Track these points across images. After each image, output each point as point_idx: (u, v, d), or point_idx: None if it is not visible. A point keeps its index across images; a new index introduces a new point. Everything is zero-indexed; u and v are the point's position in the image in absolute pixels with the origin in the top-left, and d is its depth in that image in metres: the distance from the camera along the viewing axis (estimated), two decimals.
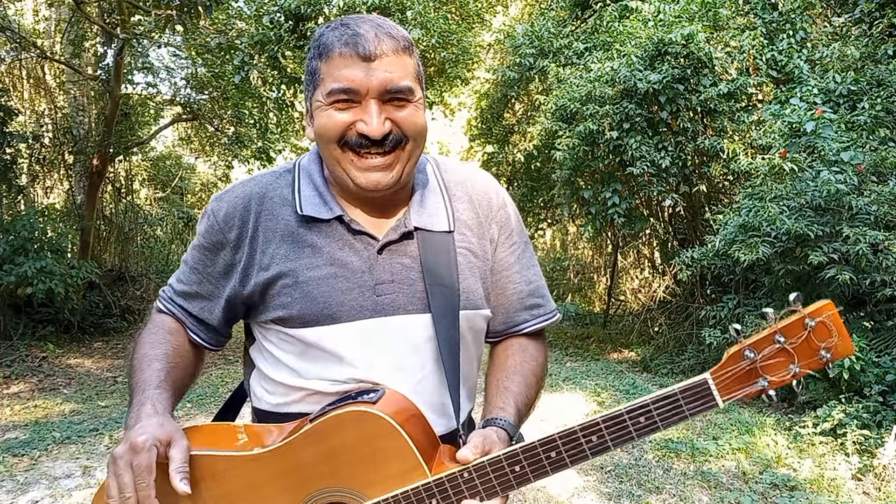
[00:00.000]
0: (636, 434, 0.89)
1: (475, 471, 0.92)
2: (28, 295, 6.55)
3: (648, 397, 0.89)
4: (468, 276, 1.07)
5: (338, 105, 0.95)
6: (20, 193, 8.32)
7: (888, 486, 3.34)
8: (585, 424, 0.90)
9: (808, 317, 0.84)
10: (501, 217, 1.14)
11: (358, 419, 0.93)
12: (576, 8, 9.19)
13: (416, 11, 7.82)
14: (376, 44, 0.94)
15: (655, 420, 0.88)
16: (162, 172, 13.47)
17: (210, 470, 0.99)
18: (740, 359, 0.87)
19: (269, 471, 0.98)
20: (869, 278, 4.11)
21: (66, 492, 3.39)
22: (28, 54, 9.24)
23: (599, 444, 0.90)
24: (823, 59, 5.85)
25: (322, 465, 0.95)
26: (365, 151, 0.96)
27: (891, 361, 4.10)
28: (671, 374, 6.12)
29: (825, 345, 0.85)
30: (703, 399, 0.87)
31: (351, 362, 1.01)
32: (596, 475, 3.64)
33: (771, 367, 0.86)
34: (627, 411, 0.89)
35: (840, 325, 0.85)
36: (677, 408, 0.88)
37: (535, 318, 1.16)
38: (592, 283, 11.39)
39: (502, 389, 1.08)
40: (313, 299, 1.00)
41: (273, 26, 7.51)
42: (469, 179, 1.15)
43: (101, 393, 5.62)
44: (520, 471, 0.92)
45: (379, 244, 1.02)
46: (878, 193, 4.21)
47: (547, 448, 0.91)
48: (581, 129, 6.23)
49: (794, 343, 0.85)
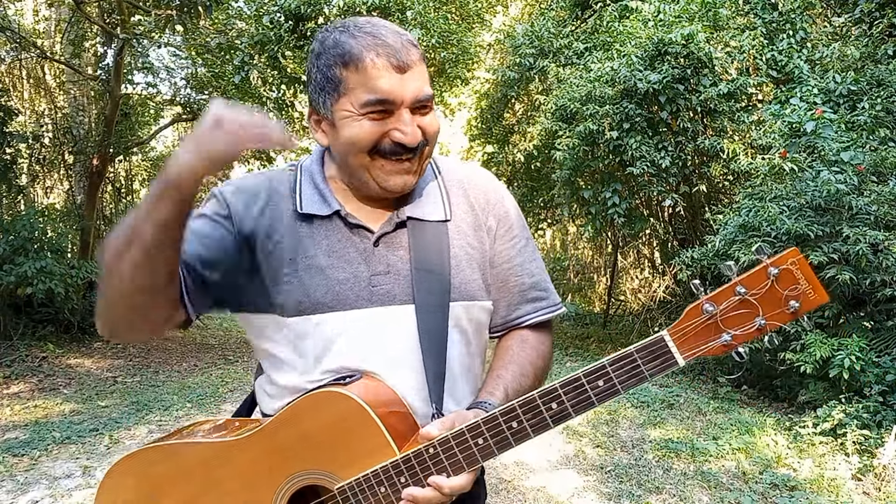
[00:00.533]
0: (596, 399, 0.87)
1: (439, 445, 0.92)
2: (28, 295, 6.55)
3: (605, 359, 0.87)
4: (465, 267, 1.08)
5: (372, 115, 0.96)
6: (20, 193, 8.32)
7: (888, 486, 3.34)
8: (544, 391, 0.89)
9: (771, 265, 0.80)
10: (500, 210, 1.15)
11: (328, 400, 0.95)
12: (576, 8, 9.19)
13: (416, 11, 7.82)
14: (406, 54, 0.97)
15: (614, 382, 0.86)
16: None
17: (198, 457, 1.04)
18: (699, 313, 0.84)
19: (250, 455, 1.01)
20: (869, 278, 4.10)
21: (66, 492, 3.39)
22: (28, 54, 9.25)
23: (560, 412, 0.89)
24: (823, 59, 5.85)
25: (298, 447, 0.97)
26: (396, 157, 0.99)
27: (891, 361, 4.10)
28: (671, 373, 6.13)
29: (792, 293, 0.80)
30: (662, 357, 0.85)
31: (344, 351, 1.02)
32: (596, 475, 3.64)
33: (733, 321, 0.82)
34: (585, 374, 0.87)
35: (808, 272, 0.80)
36: (635, 368, 0.86)
37: (537, 310, 1.15)
38: (592, 283, 11.39)
39: (495, 377, 1.08)
40: (312, 288, 1.02)
41: (273, 26, 7.52)
42: (466, 174, 1.17)
43: (101, 393, 5.62)
44: (483, 443, 0.91)
45: (374, 236, 1.04)
46: (878, 193, 4.21)
47: (509, 418, 0.90)
48: (581, 129, 6.23)
49: (757, 294, 0.81)
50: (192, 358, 7.53)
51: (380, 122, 0.97)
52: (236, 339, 9.27)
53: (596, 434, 4.36)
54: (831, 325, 4.45)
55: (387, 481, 0.94)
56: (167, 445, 1.07)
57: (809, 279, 0.80)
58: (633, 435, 4.35)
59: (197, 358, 7.55)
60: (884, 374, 4.04)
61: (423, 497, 0.92)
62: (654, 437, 4.23)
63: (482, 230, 1.12)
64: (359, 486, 0.95)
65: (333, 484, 0.96)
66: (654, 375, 0.86)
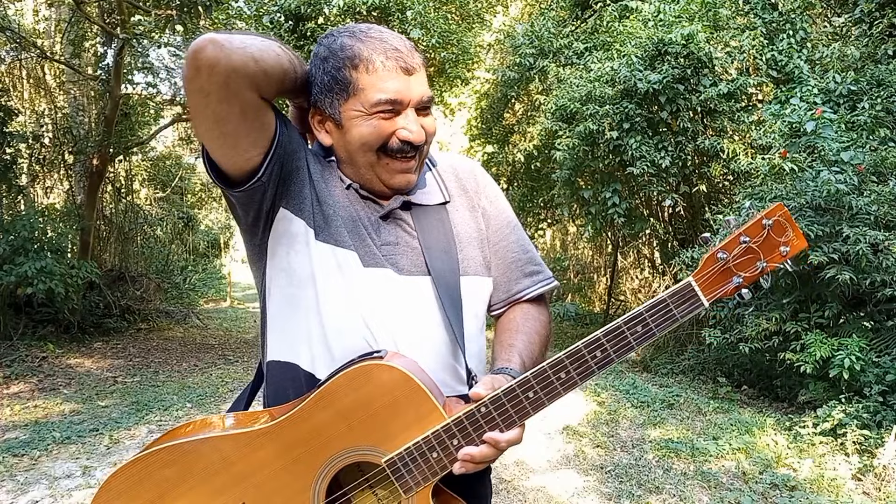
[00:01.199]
0: (635, 343, 0.96)
1: (491, 403, 0.95)
2: (28, 295, 6.56)
3: (641, 307, 0.97)
4: (466, 245, 1.14)
5: (382, 115, 1.02)
6: (20, 193, 8.31)
7: (888, 486, 3.34)
8: (589, 341, 0.96)
9: (765, 217, 0.95)
10: (490, 192, 1.23)
11: (368, 373, 0.95)
12: (576, 8, 9.19)
13: (416, 11, 7.82)
14: (412, 59, 1.04)
15: (651, 326, 0.96)
16: (162, 172, 13.48)
17: (216, 453, 0.98)
18: (715, 261, 0.97)
19: (281, 442, 0.97)
20: (869, 278, 4.10)
21: (66, 492, 3.39)
22: (28, 54, 9.25)
23: (604, 358, 0.96)
24: (823, 59, 5.85)
25: (337, 427, 0.95)
26: (401, 156, 1.05)
27: (891, 361, 4.10)
28: (671, 373, 6.12)
29: (783, 240, 0.95)
30: (691, 301, 0.97)
31: (361, 301, 1.04)
32: (596, 475, 3.64)
33: (742, 265, 0.97)
34: (625, 322, 0.96)
35: (793, 223, 0.96)
36: (668, 312, 0.96)
37: (536, 283, 1.21)
38: (592, 283, 11.39)
39: (506, 346, 1.12)
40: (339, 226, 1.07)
41: (273, 26, 7.52)
42: (455, 162, 1.25)
43: (101, 393, 5.62)
44: (534, 396, 0.96)
45: (384, 210, 1.10)
46: (878, 193, 4.21)
47: (557, 369, 0.96)
48: (581, 129, 6.23)
49: (758, 241, 0.96)
50: (192, 358, 7.53)
51: (388, 121, 1.03)
52: (236, 339, 9.27)
53: (596, 434, 4.36)
54: (831, 325, 4.45)
55: (439, 446, 0.94)
56: (173, 446, 0.99)
57: (794, 228, 0.96)
58: (633, 435, 4.35)
59: (197, 358, 7.55)
60: (884, 374, 4.04)
61: (480, 454, 0.94)
62: (654, 437, 4.23)
63: (477, 211, 1.19)
64: (409, 455, 0.95)
65: (380, 458, 0.95)
66: (685, 318, 0.97)
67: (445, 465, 0.95)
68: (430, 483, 0.96)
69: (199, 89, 0.90)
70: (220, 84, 0.89)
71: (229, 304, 15.09)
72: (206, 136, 0.98)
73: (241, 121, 0.95)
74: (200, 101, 0.92)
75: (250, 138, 0.98)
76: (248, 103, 0.94)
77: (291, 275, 1.07)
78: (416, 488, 0.96)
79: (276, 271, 1.09)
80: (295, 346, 1.07)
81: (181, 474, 0.98)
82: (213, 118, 0.94)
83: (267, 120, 0.99)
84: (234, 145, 0.98)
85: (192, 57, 0.88)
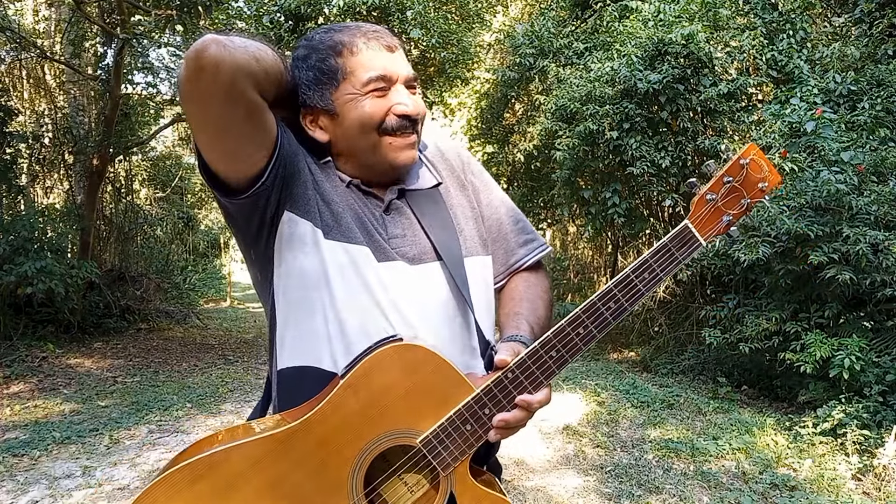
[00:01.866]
0: (644, 289, 1.01)
1: (517, 368, 0.97)
2: (28, 295, 6.55)
3: (646, 254, 1.02)
4: (464, 225, 1.16)
5: (375, 93, 1.03)
6: (20, 193, 8.31)
7: (888, 486, 3.34)
8: (602, 293, 1.00)
9: (741, 157, 1.01)
10: (475, 167, 1.25)
11: (392, 356, 0.95)
12: (576, 8, 9.19)
13: (416, 11, 7.82)
14: (391, 38, 1.07)
15: (657, 271, 1.01)
16: (162, 172, 13.47)
17: (246, 460, 0.94)
18: (705, 202, 1.02)
19: (312, 439, 0.94)
20: (869, 278, 4.10)
21: (66, 492, 3.39)
22: (28, 54, 9.24)
23: (618, 308, 1.00)
24: (823, 59, 5.85)
25: (368, 414, 0.94)
26: (402, 132, 1.05)
27: (891, 361, 4.10)
28: (671, 373, 6.12)
29: (760, 176, 1.01)
30: (689, 242, 1.01)
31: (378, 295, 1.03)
32: (596, 475, 3.64)
33: (729, 203, 1.02)
34: (633, 270, 1.01)
35: (766, 161, 1.02)
36: (670, 255, 1.01)
37: (532, 251, 1.24)
38: (592, 283, 11.38)
39: (513, 315, 1.14)
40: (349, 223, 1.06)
41: (273, 26, 7.52)
42: (437, 140, 1.26)
43: (101, 393, 5.62)
44: (557, 355, 0.98)
45: (384, 204, 1.10)
46: (878, 193, 4.21)
47: (575, 325, 0.99)
48: (581, 129, 6.23)
49: (739, 180, 1.01)
50: (192, 358, 7.53)
51: (381, 98, 1.04)
52: (236, 339, 9.27)
53: (596, 434, 4.35)
54: (831, 325, 4.45)
55: (472, 417, 0.95)
56: (199, 460, 0.93)
57: (768, 166, 1.01)
58: (633, 435, 4.35)
59: (197, 358, 7.54)
60: (884, 374, 4.04)
61: (515, 418, 0.96)
62: (654, 437, 4.23)
63: (467, 189, 1.21)
64: (444, 432, 0.95)
65: (414, 439, 0.95)
66: (685, 258, 1.01)
67: (480, 436, 0.96)
68: (467, 457, 0.97)
69: (202, 93, 0.89)
70: (226, 84, 0.87)
71: (229, 304, 15.09)
72: (208, 146, 0.96)
73: (246, 123, 0.94)
74: (202, 107, 0.91)
75: (255, 142, 0.97)
76: (253, 104, 0.93)
77: (303, 277, 1.05)
78: (454, 464, 0.96)
79: (286, 277, 1.06)
80: (313, 348, 1.05)
81: (212, 487, 0.93)
82: (217, 124, 0.93)
83: (269, 121, 0.98)
84: (237, 151, 0.96)
85: (195, 57, 0.86)
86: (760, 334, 4.68)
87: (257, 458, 0.94)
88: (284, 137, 1.03)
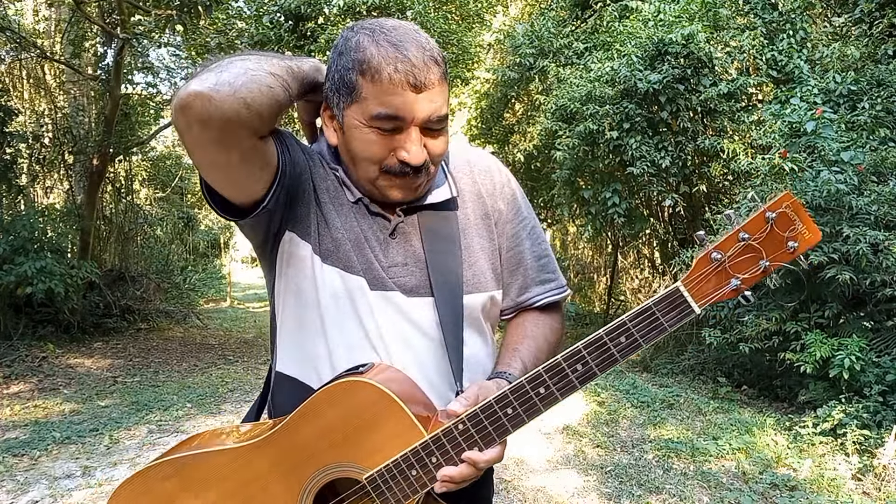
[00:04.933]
0: (619, 355, 0.88)
1: (468, 420, 0.91)
2: (28, 295, 6.55)
3: (625, 316, 0.88)
4: (477, 258, 1.09)
5: (380, 130, 0.95)
6: (20, 193, 8.31)
7: (888, 486, 3.34)
8: (568, 354, 0.89)
9: (769, 210, 0.84)
10: (507, 193, 1.15)
11: (347, 390, 0.93)
12: (576, 8, 9.19)
13: (416, 11, 7.82)
14: (426, 73, 0.94)
15: (636, 337, 0.88)
16: (162, 172, 13.48)
17: (211, 467, 1.00)
18: (709, 262, 0.87)
19: (270, 455, 0.97)
20: (869, 278, 4.10)
21: (66, 492, 3.39)
22: (28, 54, 9.24)
23: (586, 372, 0.89)
24: (823, 59, 5.85)
25: (319, 443, 0.95)
26: (402, 175, 0.98)
27: (891, 361, 4.10)
28: (671, 373, 6.12)
29: (790, 235, 0.84)
30: (679, 308, 0.87)
31: (367, 325, 1.02)
32: (596, 475, 3.64)
33: (741, 266, 0.86)
34: (607, 333, 0.88)
35: (803, 214, 0.84)
36: (654, 321, 0.87)
37: (547, 291, 1.17)
38: (592, 283, 11.39)
39: (511, 350, 1.10)
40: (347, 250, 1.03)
41: (273, 26, 7.51)
42: (472, 158, 1.17)
43: (101, 393, 5.62)
44: (512, 413, 0.90)
45: (391, 226, 1.05)
46: (878, 193, 4.21)
47: (535, 384, 0.90)
48: (581, 129, 6.23)
49: (759, 238, 0.85)
50: (192, 358, 7.53)
51: (387, 137, 0.96)
52: (236, 340, 9.27)
53: (596, 434, 4.35)
54: (831, 325, 4.45)
55: (418, 463, 0.92)
56: (175, 459, 1.02)
57: (804, 220, 0.84)
58: (633, 435, 4.35)
59: (197, 358, 7.55)
60: (884, 374, 4.04)
61: (459, 474, 0.91)
62: (654, 437, 4.23)
63: (490, 219, 1.13)
64: (389, 473, 0.93)
65: (361, 474, 0.95)
66: (674, 326, 0.87)
67: (426, 483, 0.92)
68: (415, 500, 0.93)
69: (192, 144, 0.88)
70: (215, 138, 0.86)
71: (229, 304, 15.09)
72: (207, 176, 0.96)
73: (242, 164, 0.92)
74: (197, 150, 0.90)
75: (253, 177, 0.95)
76: (248, 148, 0.91)
77: (299, 296, 1.05)
78: None
79: (284, 291, 1.07)
80: (304, 364, 1.06)
81: (179, 488, 1.00)
82: (213, 165, 0.92)
83: (268, 155, 0.95)
84: (236, 184, 0.96)
85: (181, 114, 0.84)
86: (760, 334, 4.68)
87: (221, 467, 0.99)
88: (288, 163, 1.00)
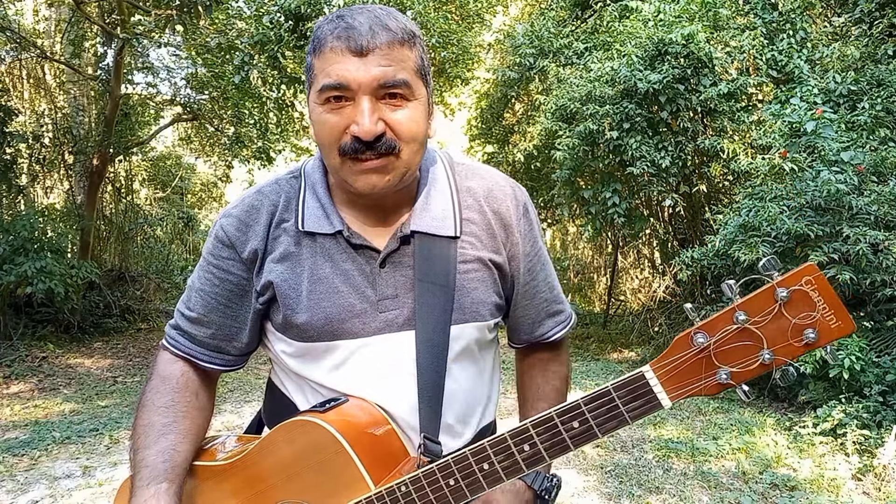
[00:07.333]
0: (572, 442, 0.76)
1: (411, 484, 0.86)
2: (28, 295, 6.56)
3: (580, 398, 0.76)
4: (476, 287, 0.99)
5: (330, 105, 0.87)
6: (20, 193, 8.31)
7: (888, 486, 3.34)
8: (515, 430, 0.79)
9: (779, 285, 0.64)
10: (524, 226, 1.05)
11: (302, 428, 0.90)
12: (576, 8, 9.19)
13: (416, 11, 7.81)
14: (370, 37, 0.84)
15: (591, 425, 0.75)
16: (162, 172, 13.47)
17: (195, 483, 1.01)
18: (688, 345, 0.69)
19: (232, 483, 0.98)
20: (869, 278, 4.10)
21: (66, 492, 3.39)
22: (28, 54, 9.24)
23: (533, 455, 0.78)
24: (823, 59, 5.85)
25: (278, 476, 0.93)
26: (355, 156, 0.87)
27: (891, 361, 4.10)
28: None
29: (807, 322, 0.63)
30: (644, 398, 0.72)
31: (345, 377, 0.99)
32: (596, 475, 3.64)
33: (731, 354, 0.68)
34: (558, 414, 0.76)
35: (829, 294, 0.63)
36: (613, 409, 0.73)
37: (558, 324, 1.15)
38: (592, 283, 11.39)
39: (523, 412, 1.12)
40: (317, 315, 0.96)
41: (273, 26, 7.50)
42: (489, 184, 1.05)
43: (101, 393, 5.62)
44: (454, 484, 0.83)
45: (380, 257, 0.96)
46: (878, 193, 4.21)
47: (479, 458, 0.82)
48: (581, 129, 6.23)
49: (761, 322, 0.65)
50: None
51: (338, 112, 0.86)
52: None
53: None
54: None
55: None
56: None
57: (830, 302, 0.62)
58: (633, 435, 4.35)
59: None
60: (884, 374, 4.04)
61: None
62: (654, 437, 4.23)
63: (502, 253, 1.02)
64: None
65: None
66: (636, 419, 0.73)
67: None
68: None
69: None
70: None
71: None
72: None
73: None
74: None
75: None
76: None
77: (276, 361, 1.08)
78: None
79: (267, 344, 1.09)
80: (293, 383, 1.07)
81: None
82: None
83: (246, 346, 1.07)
84: None
85: None
86: None
87: (195, 484, 1.01)
88: (255, 308, 1.01)
